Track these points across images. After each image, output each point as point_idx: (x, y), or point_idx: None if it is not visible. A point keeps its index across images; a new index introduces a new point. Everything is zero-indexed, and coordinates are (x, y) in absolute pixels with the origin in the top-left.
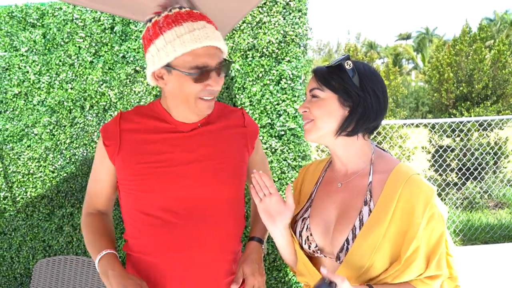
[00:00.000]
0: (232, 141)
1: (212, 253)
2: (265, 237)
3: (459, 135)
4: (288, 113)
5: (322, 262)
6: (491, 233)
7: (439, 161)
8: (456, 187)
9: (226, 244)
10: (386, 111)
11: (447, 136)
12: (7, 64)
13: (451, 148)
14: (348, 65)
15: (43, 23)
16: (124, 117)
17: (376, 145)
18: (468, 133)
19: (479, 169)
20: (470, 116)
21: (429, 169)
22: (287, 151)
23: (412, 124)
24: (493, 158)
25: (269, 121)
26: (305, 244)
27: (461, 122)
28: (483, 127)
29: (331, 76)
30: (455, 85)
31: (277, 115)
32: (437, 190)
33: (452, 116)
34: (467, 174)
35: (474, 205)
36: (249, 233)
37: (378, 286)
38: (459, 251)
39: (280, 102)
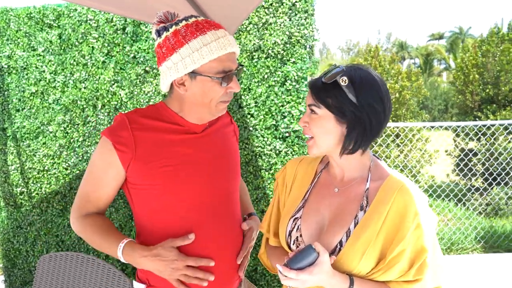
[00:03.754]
0: (230, 138)
1: (233, 240)
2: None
3: (483, 139)
4: (293, 115)
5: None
6: None
7: (462, 165)
8: (478, 192)
9: (240, 230)
10: (388, 120)
11: (471, 140)
12: (25, 63)
13: (473, 152)
14: (343, 82)
15: (59, 24)
16: (133, 120)
17: (373, 154)
18: (493, 137)
19: (503, 174)
20: (496, 119)
21: (452, 173)
22: (291, 153)
23: (432, 127)
24: None
25: (274, 122)
26: (293, 244)
27: (484, 125)
28: (508, 130)
29: (326, 93)
30: (480, 87)
31: (282, 117)
32: (459, 195)
33: (477, 119)
34: (490, 180)
35: (497, 212)
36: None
37: (358, 279)
38: (480, 259)
39: (285, 103)
